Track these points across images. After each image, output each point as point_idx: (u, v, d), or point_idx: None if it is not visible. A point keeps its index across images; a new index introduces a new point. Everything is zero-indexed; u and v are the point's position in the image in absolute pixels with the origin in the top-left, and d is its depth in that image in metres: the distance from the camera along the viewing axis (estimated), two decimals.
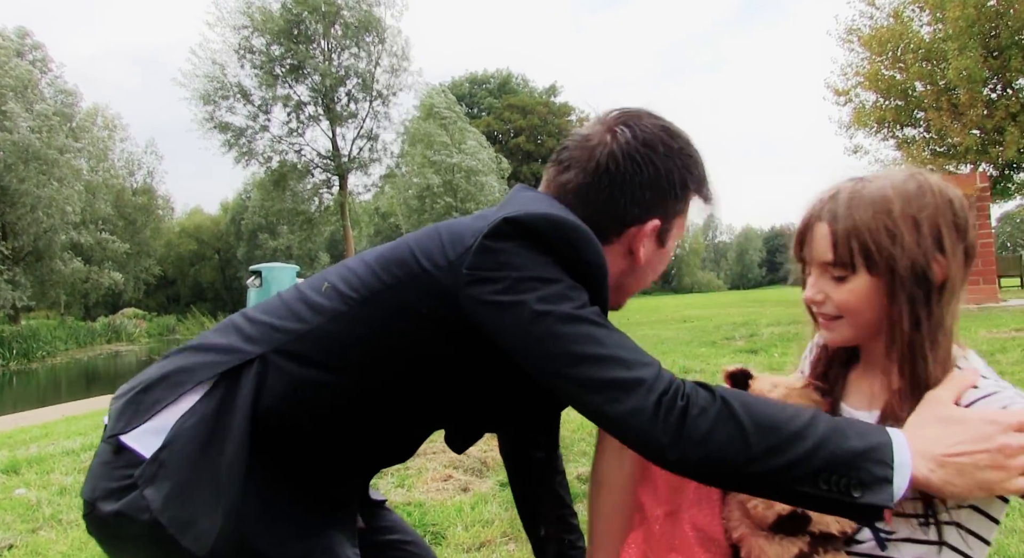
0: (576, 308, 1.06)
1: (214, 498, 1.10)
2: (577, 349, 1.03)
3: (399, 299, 1.15)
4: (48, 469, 3.73)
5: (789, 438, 0.96)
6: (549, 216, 1.11)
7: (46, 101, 31.90)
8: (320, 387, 1.17)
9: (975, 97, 17.27)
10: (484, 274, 1.09)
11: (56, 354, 29.67)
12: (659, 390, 0.99)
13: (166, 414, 1.17)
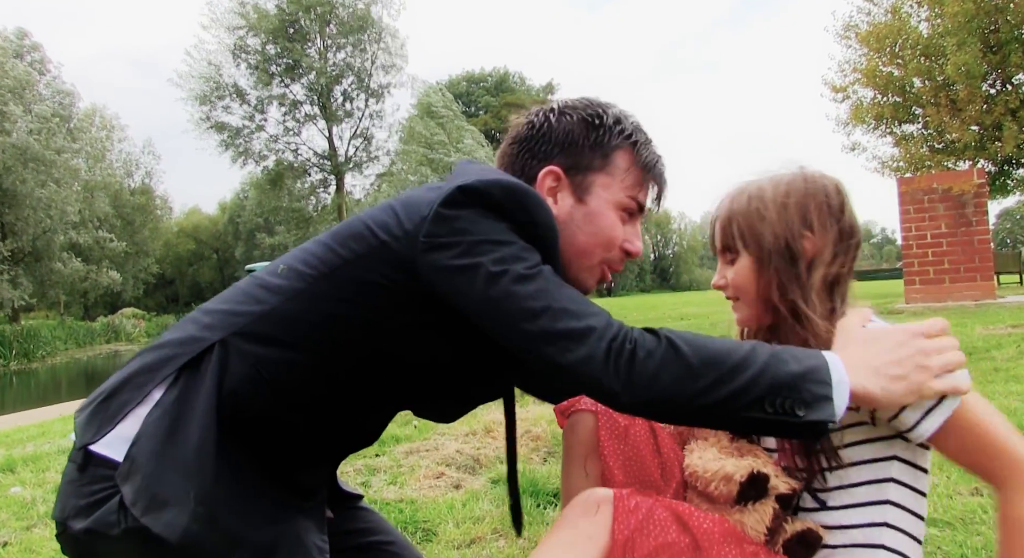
0: (529, 267, 1.10)
1: (184, 482, 1.10)
2: (531, 304, 1.07)
3: (357, 272, 1.16)
4: (44, 468, 3.74)
5: (732, 369, 1.02)
6: (500, 182, 1.16)
7: (44, 102, 31.91)
8: (283, 366, 1.17)
9: (974, 93, 17.25)
10: (440, 240, 1.11)
11: (56, 354, 29.71)
12: (608, 337, 1.04)
13: (134, 416, 1.16)
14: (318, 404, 1.22)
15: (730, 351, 1.04)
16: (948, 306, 9.10)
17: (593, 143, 1.30)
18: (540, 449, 3.41)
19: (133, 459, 1.12)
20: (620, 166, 1.30)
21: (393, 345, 1.20)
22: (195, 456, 1.12)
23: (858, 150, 21.86)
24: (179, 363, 1.18)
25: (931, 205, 9.50)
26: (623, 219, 1.32)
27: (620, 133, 1.31)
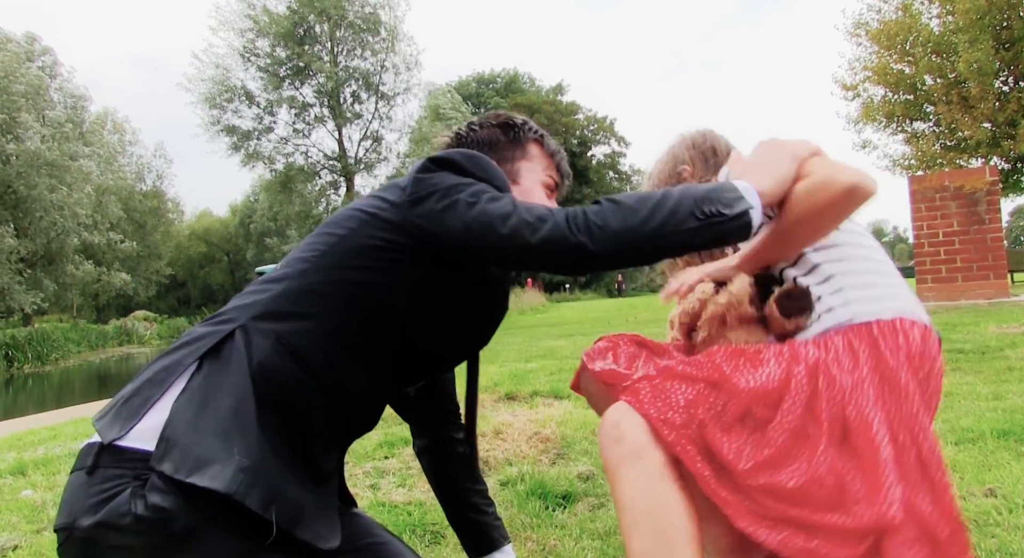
0: (495, 194, 1.31)
1: (225, 441, 1.16)
2: (503, 211, 1.26)
3: (356, 241, 1.33)
4: (55, 471, 3.74)
5: (662, 198, 1.26)
6: (461, 151, 1.41)
7: (56, 107, 32.09)
8: (303, 334, 1.28)
9: (986, 90, 17.15)
10: (422, 194, 1.31)
11: (69, 357, 29.84)
12: (563, 212, 1.26)
13: (158, 407, 1.19)
14: (334, 371, 1.30)
15: (655, 193, 1.28)
16: (961, 304, 9.02)
17: (511, 140, 1.62)
18: (550, 450, 3.39)
19: (167, 439, 1.15)
20: (535, 153, 1.63)
21: (396, 302, 1.33)
22: (233, 419, 1.18)
23: (869, 148, 21.78)
24: (200, 352, 1.25)
25: (943, 203, 9.42)
26: (547, 194, 1.63)
27: (529, 130, 1.65)
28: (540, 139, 1.65)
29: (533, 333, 13.10)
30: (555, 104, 65.82)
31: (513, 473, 2.96)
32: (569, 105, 66.50)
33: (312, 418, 1.30)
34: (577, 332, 11.97)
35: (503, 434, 3.71)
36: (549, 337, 11.30)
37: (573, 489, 2.72)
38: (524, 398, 4.89)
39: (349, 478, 3.16)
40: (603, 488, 2.71)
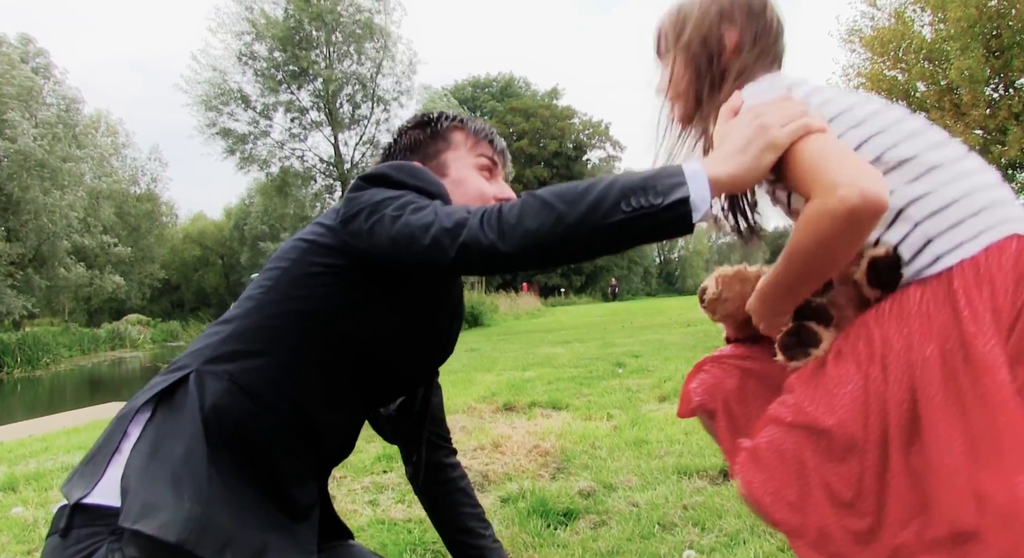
0: (421, 204, 1.24)
1: (175, 488, 1.14)
2: (425, 221, 1.18)
3: (298, 271, 1.32)
4: (46, 486, 3.68)
5: (584, 190, 1.10)
6: (390, 163, 1.37)
7: (49, 108, 31.97)
8: (254, 372, 1.27)
9: (977, 97, 17.22)
10: (352, 213, 1.28)
11: (60, 361, 29.68)
12: (480, 212, 1.16)
13: (117, 461, 1.19)
14: (292, 403, 1.30)
15: (582, 184, 1.12)
16: None
17: (430, 135, 1.57)
18: (549, 465, 3.36)
19: (124, 490, 1.14)
20: (458, 139, 1.57)
21: (344, 325, 1.32)
22: (183, 464, 1.16)
23: None
24: (152, 395, 1.25)
25: None
26: (486, 177, 1.57)
27: (446, 118, 1.59)
28: (460, 124, 1.59)
29: (529, 339, 13.07)
30: (550, 108, 65.89)
31: (514, 489, 2.93)
32: (564, 110, 66.59)
33: (276, 452, 1.29)
34: (574, 338, 11.96)
35: (502, 447, 3.68)
36: (546, 344, 11.28)
37: (574, 506, 2.69)
38: (522, 409, 4.86)
39: (347, 493, 3.13)
40: (604, 505, 2.69)
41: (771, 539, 2.16)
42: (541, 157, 64.77)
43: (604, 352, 8.74)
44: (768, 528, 2.23)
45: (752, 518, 2.33)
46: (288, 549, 1.24)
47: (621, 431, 3.94)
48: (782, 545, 2.11)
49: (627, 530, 2.38)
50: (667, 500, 2.66)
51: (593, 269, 65.21)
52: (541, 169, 63.47)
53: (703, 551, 2.14)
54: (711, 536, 2.26)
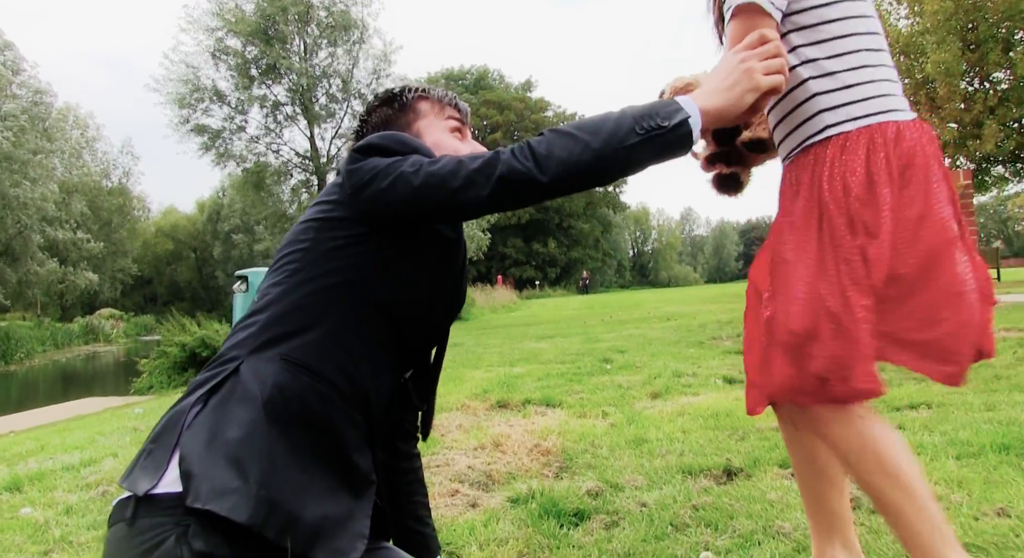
0: (432, 159, 1.36)
1: (239, 471, 1.18)
2: (448, 168, 1.31)
3: (320, 248, 1.38)
4: (50, 487, 3.67)
5: (600, 120, 1.30)
6: (378, 134, 1.44)
7: (18, 100, 31.43)
8: (304, 348, 1.33)
9: (953, 91, 17.47)
10: (363, 181, 1.36)
11: (34, 356, 29.32)
12: (507, 150, 1.31)
13: (178, 453, 1.22)
14: (343, 373, 1.35)
15: (595, 117, 1.33)
16: None
17: (398, 110, 1.66)
18: (552, 464, 3.40)
19: (185, 474, 1.17)
20: (425, 108, 1.67)
21: (376, 289, 1.39)
22: (244, 449, 1.20)
23: None
24: (207, 389, 1.29)
25: None
26: (457, 138, 1.67)
27: (411, 91, 1.68)
28: (424, 94, 1.69)
29: (510, 334, 13.12)
30: (524, 101, 65.78)
31: (522, 490, 2.97)
32: (538, 101, 66.52)
33: (338, 423, 1.34)
34: (556, 333, 12.01)
35: (503, 446, 3.72)
36: (528, 339, 11.32)
37: (584, 506, 2.73)
38: (516, 406, 4.90)
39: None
40: (613, 505, 2.74)
41: (786, 540, 2.22)
42: None
43: (589, 347, 8.80)
44: (782, 529, 2.29)
45: (764, 519, 2.39)
46: (340, 525, 1.28)
47: (619, 429, 3.99)
48: (797, 546, 2.17)
49: (640, 531, 2.42)
50: (675, 500, 2.71)
51: (568, 262, 65.30)
52: None
53: (719, 552, 2.19)
54: (725, 537, 2.31)
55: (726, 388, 5.05)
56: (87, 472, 3.98)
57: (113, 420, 6.66)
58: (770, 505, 2.54)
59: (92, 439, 5.22)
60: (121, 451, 4.54)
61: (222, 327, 13.02)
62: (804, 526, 2.29)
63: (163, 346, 12.95)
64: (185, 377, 12.37)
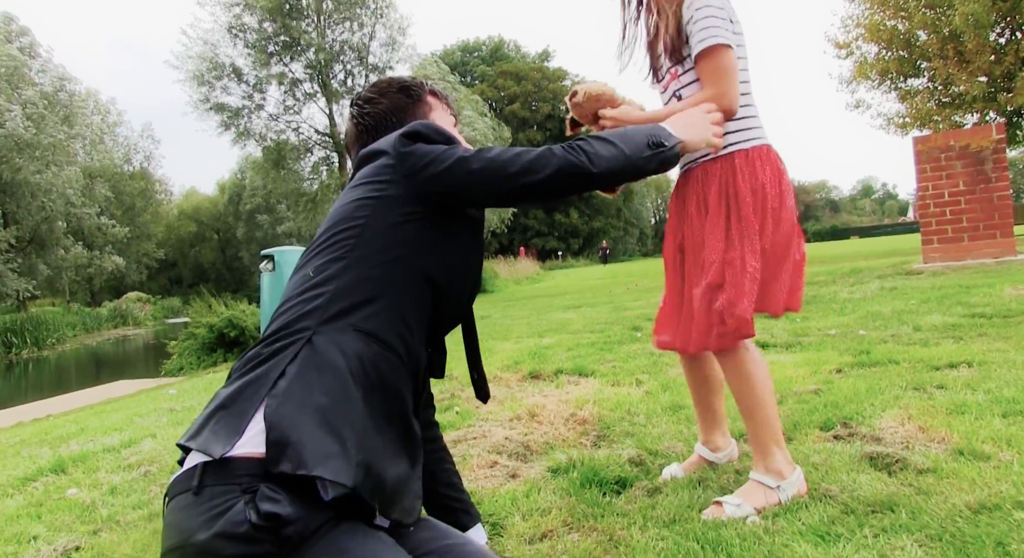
0: (480, 148, 1.53)
1: (335, 437, 1.23)
2: (505, 156, 1.50)
3: (379, 225, 1.47)
4: (93, 468, 3.73)
5: (626, 134, 1.66)
6: (420, 122, 1.59)
7: (37, 87, 31.61)
8: (373, 318, 1.40)
9: (982, 43, 17.05)
10: (419, 164, 1.50)
11: (65, 341, 29.80)
12: (558, 146, 1.54)
13: (257, 418, 1.24)
14: (404, 343, 1.45)
15: (621, 130, 1.69)
16: (968, 264, 9.06)
17: (414, 100, 1.81)
18: (589, 433, 3.39)
19: (276, 442, 1.20)
20: (433, 102, 1.84)
21: (426, 263, 1.50)
22: (335, 415, 1.25)
23: (862, 108, 21.67)
24: (283, 364, 1.32)
25: (948, 163, 9.40)
26: (457, 131, 1.83)
27: (420, 86, 1.84)
28: (431, 90, 1.87)
29: (536, 305, 13.11)
30: (542, 70, 65.30)
31: (561, 460, 2.96)
32: (556, 71, 66.01)
33: (403, 390, 1.44)
34: (583, 303, 11.98)
35: (538, 417, 3.71)
36: (556, 309, 11.30)
37: (625, 474, 2.71)
38: (548, 377, 4.90)
39: None
40: (656, 472, 2.72)
41: (832, 503, 2.19)
42: (534, 120, 64.28)
43: (617, 316, 8.77)
44: (829, 491, 2.26)
45: (809, 482, 2.37)
46: (408, 487, 1.39)
47: (654, 396, 3.97)
48: (845, 508, 2.14)
49: (684, 497, 2.41)
50: (717, 466, 2.69)
51: (590, 231, 65.07)
52: (534, 132, 63.05)
53: (766, 516, 2.17)
54: None
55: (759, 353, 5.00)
56: (128, 453, 4.02)
57: (148, 402, 6.74)
58: (814, 468, 2.51)
59: (130, 420, 5.29)
60: (159, 432, 4.59)
61: (249, 307, 13.12)
62: (851, 488, 2.27)
63: (191, 328, 13.10)
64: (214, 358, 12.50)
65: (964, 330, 4.77)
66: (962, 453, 2.48)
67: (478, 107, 32.67)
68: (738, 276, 2.21)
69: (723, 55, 2.19)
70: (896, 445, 2.66)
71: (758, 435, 2.32)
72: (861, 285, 8.61)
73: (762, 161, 2.29)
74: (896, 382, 3.57)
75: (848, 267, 12.25)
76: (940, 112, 18.99)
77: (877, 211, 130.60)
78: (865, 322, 5.68)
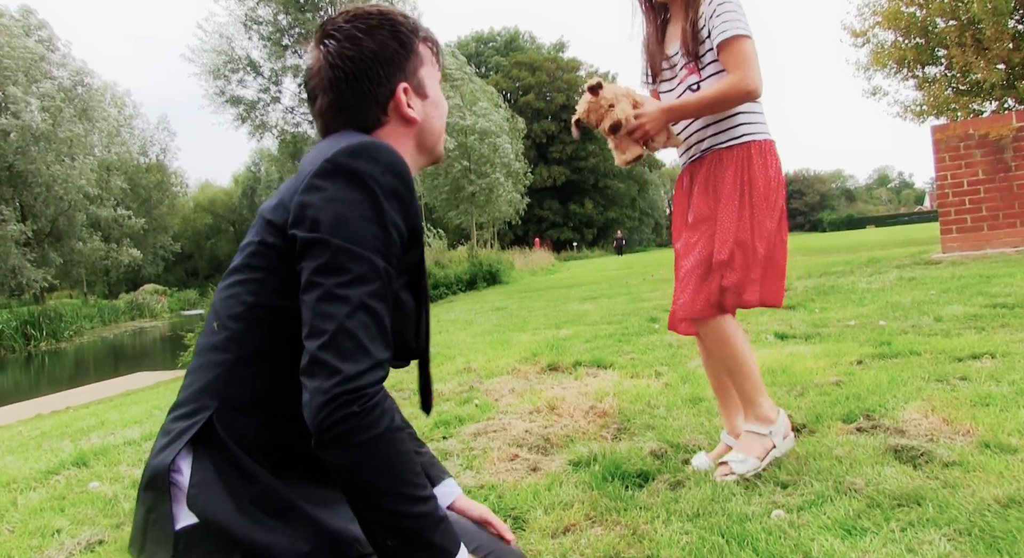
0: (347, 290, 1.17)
1: (285, 522, 1.20)
2: (360, 352, 1.15)
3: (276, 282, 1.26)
4: (114, 461, 3.75)
5: (401, 496, 1.15)
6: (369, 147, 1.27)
7: (55, 80, 31.80)
8: (275, 381, 1.26)
9: (1001, 30, 16.85)
10: (305, 237, 1.21)
11: (83, 333, 30.00)
12: (349, 388, 1.11)
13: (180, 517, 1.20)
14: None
15: (413, 484, 1.17)
16: (988, 254, 8.97)
17: (405, 48, 1.44)
18: (610, 425, 3.38)
19: (232, 542, 1.17)
20: (425, 53, 1.50)
21: None
22: (271, 498, 1.21)
23: (879, 95, 21.48)
24: (183, 445, 1.23)
25: (967, 152, 9.31)
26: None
27: (415, 31, 1.48)
28: (424, 36, 1.51)
29: (553, 296, 13.08)
30: (556, 61, 65.09)
31: (582, 453, 2.95)
32: (571, 62, 65.79)
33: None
34: (599, 294, 11.95)
35: (558, 410, 3.70)
36: (572, 301, 11.28)
37: (647, 468, 2.70)
38: (567, 369, 4.88)
39: None
40: (678, 465, 2.71)
41: (858, 496, 2.18)
42: (548, 111, 64.11)
43: (634, 307, 8.74)
44: (853, 485, 2.25)
45: (833, 475, 2.35)
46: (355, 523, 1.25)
47: (674, 388, 3.95)
48: (870, 502, 2.13)
49: (707, 491, 2.39)
50: None
51: (604, 222, 64.92)
52: (548, 123, 62.90)
53: (791, 510, 2.16)
54: (795, 495, 2.27)
55: (778, 344, 4.97)
56: (148, 446, 4.04)
57: (167, 394, 6.78)
58: (838, 461, 2.50)
59: (149, 413, 5.32)
60: None
61: None
62: (876, 481, 2.26)
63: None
64: None
65: (986, 321, 4.72)
66: (988, 446, 2.45)
67: (493, 98, 32.59)
68: (749, 260, 2.41)
69: (744, 43, 2.37)
70: (920, 438, 2.64)
71: (744, 388, 2.55)
72: (880, 275, 8.54)
73: (772, 155, 2.49)
74: (918, 373, 3.54)
75: (866, 257, 12.16)
76: (958, 100, 18.80)
77: (893, 200, 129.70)
78: (885, 313, 5.63)
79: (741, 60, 2.37)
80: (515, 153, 34.93)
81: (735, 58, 2.38)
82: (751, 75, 2.37)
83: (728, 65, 2.41)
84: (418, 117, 1.47)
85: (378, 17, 1.44)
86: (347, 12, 1.45)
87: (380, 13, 1.46)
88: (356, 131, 1.40)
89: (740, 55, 2.37)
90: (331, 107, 1.42)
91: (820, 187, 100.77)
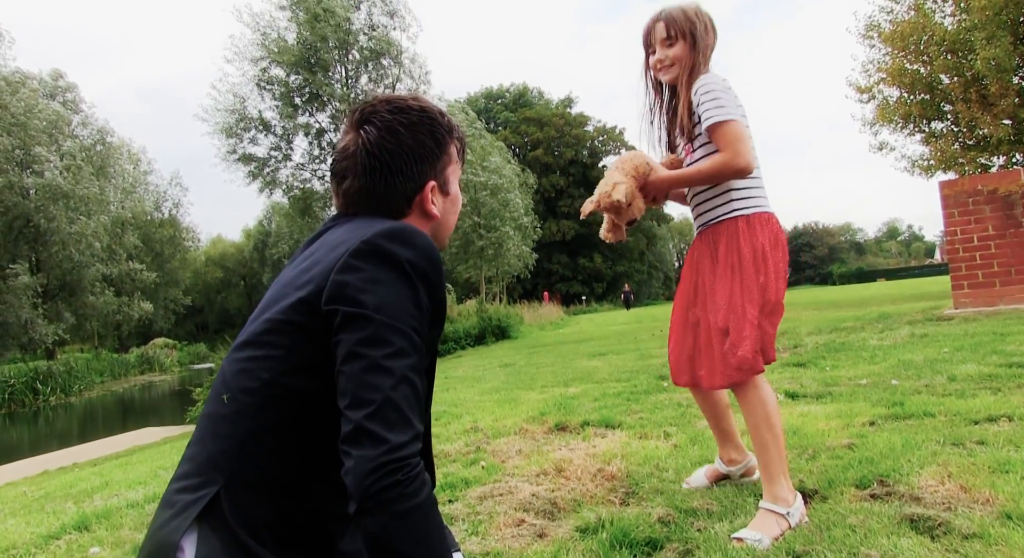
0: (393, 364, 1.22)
1: None
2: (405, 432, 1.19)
3: (292, 359, 1.29)
4: (117, 524, 3.69)
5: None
6: (402, 233, 1.33)
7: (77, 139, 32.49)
8: (284, 458, 1.28)
9: (1006, 87, 16.97)
10: (344, 316, 1.25)
11: (93, 387, 30.02)
12: (395, 457, 1.14)
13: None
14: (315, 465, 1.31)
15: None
16: (1000, 310, 8.89)
17: (440, 147, 1.52)
18: (618, 489, 3.31)
19: None
20: (453, 152, 1.57)
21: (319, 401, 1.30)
22: None
23: (886, 150, 21.59)
24: (191, 519, 1.22)
25: (977, 207, 9.30)
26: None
27: (450, 131, 1.55)
28: (456, 136, 1.59)
29: (562, 352, 13.02)
30: (564, 116, 65.93)
31: (590, 518, 2.89)
32: (578, 117, 66.60)
33: (331, 520, 1.35)
34: (608, 350, 11.88)
35: (565, 472, 3.64)
36: (581, 356, 11.22)
37: (656, 535, 2.63)
38: (575, 429, 4.82)
39: None
40: (686, 533, 2.65)
41: None
42: (557, 166, 64.75)
43: (643, 364, 8.67)
44: (868, 556, 2.18)
45: (847, 546, 2.29)
46: None
47: (683, 450, 3.88)
48: None
49: None
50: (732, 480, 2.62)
51: (613, 275, 64.99)
52: (557, 177, 63.47)
53: None
54: None
55: (789, 403, 4.90)
56: (151, 508, 3.99)
57: (173, 453, 6.72)
58: (852, 530, 2.43)
59: (155, 473, 5.26)
60: None
61: None
62: (892, 553, 2.19)
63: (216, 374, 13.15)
64: None
65: (1001, 380, 4.65)
66: (1010, 517, 2.38)
67: (503, 154, 32.95)
68: (739, 321, 2.57)
69: (730, 126, 2.56)
70: (937, 506, 2.57)
71: (770, 467, 2.58)
72: (891, 331, 8.46)
73: (762, 226, 2.66)
74: (933, 436, 3.47)
75: (876, 312, 12.08)
76: (965, 155, 18.86)
77: (903, 253, 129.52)
78: (897, 371, 5.56)
79: (730, 141, 2.56)
80: (525, 208, 35.22)
81: (724, 140, 2.57)
82: (742, 153, 2.55)
83: (719, 146, 2.61)
84: (438, 214, 1.55)
85: (419, 114, 1.50)
86: (388, 102, 1.51)
87: (421, 109, 1.52)
88: (380, 217, 1.45)
89: (728, 137, 2.56)
90: (360, 191, 1.48)
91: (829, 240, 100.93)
